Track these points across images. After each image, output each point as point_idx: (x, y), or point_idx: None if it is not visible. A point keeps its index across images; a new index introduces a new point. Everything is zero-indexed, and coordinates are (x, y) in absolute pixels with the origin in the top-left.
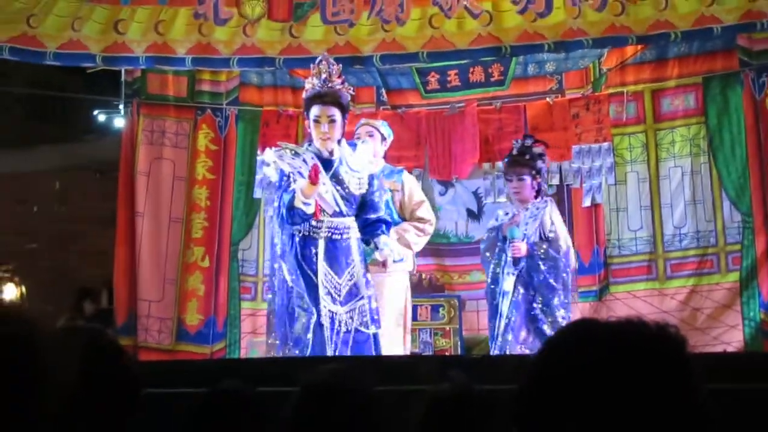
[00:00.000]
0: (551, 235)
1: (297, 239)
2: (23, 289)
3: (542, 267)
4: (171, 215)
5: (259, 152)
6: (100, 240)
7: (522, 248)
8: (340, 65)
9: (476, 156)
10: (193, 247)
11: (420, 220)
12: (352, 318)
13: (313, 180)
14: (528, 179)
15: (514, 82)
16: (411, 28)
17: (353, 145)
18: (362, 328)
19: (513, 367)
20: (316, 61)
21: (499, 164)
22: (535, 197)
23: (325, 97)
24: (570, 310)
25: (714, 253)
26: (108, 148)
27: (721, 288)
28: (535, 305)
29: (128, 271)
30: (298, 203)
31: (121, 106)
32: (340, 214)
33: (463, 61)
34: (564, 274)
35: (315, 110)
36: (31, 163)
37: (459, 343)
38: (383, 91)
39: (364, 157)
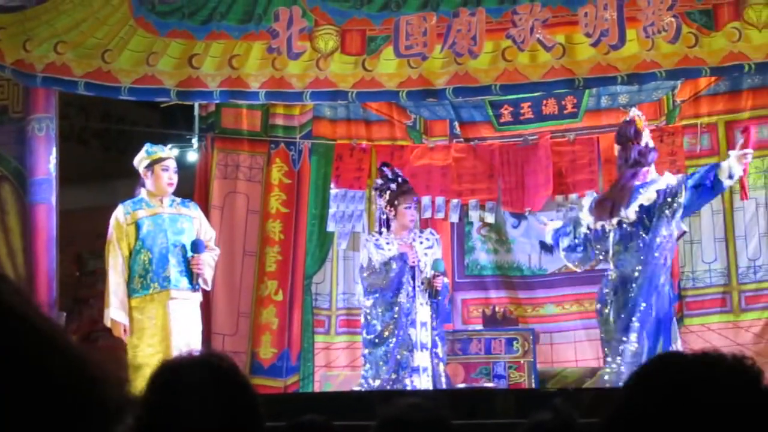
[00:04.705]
0: None
1: None
2: None
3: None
4: (245, 249)
5: (332, 186)
6: None
7: (444, 280)
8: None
9: (549, 188)
10: (267, 280)
11: (213, 250)
12: None
13: None
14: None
15: (587, 115)
16: (484, 60)
17: None
18: None
19: (590, 400)
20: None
21: (573, 196)
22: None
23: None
24: (444, 343)
25: None
26: (182, 181)
27: None
28: None
29: (202, 304)
30: None
31: (194, 140)
32: None
33: (536, 94)
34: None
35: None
36: (108, 197)
37: (533, 376)
38: (456, 123)
39: None
